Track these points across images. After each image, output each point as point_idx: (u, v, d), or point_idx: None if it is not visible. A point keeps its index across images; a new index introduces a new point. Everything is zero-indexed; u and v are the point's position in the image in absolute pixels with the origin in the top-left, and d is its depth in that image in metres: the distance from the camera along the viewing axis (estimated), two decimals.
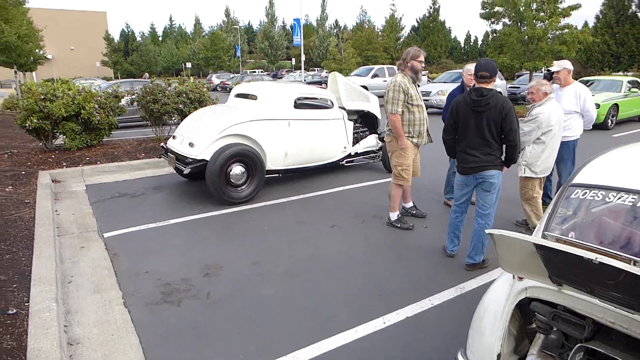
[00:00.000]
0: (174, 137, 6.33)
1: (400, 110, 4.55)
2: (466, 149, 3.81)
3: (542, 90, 4.40)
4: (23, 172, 6.93)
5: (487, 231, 1.93)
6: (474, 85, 3.76)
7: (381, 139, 7.67)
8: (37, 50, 20.24)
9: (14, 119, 10.88)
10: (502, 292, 2.24)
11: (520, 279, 2.15)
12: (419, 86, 4.75)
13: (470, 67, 5.11)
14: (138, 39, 70.01)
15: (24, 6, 16.49)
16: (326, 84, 32.39)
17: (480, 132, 3.70)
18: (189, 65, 54.26)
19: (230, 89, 30.80)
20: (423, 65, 4.62)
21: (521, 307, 2.15)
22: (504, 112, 3.60)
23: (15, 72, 26.54)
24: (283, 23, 77.39)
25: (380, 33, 48.73)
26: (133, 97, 9.31)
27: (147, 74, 34.84)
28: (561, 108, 4.55)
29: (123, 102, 9.42)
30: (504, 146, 3.75)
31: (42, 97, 7.77)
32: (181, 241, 4.63)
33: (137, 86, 10.56)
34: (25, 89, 7.98)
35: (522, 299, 2.09)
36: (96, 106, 8.17)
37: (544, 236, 2.14)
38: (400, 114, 4.56)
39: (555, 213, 2.20)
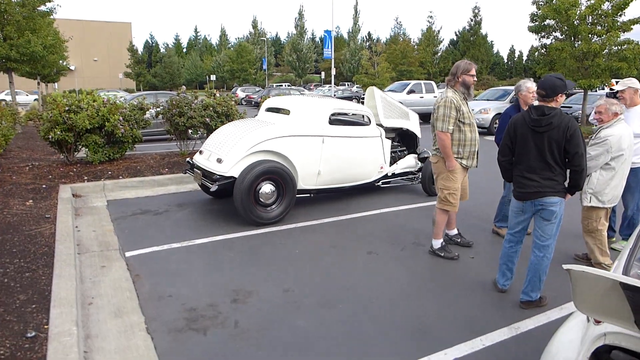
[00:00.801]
0: (200, 152, 6.42)
1: (451, 129, 4.51)
2: (524, 173, 3.71)
3: (612, 110, 4.25)
4: (44, 186, 7.13)
5: (565, 267, 1.82)
6: (533, 103, 3.68)
7: (421, 160, 7.61)
8: (61, 62, 21.14)
9: (36, 131, 11.28)
10: (574, 337, 2.11)
11: (598, 322, 2.02)
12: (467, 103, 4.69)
13: (530, 84, 5.03)
14: (162, 50, 72.45)
15: (51, 17, 17.25)
16: (357, 100, 32.86)
17: (541, 154, 3.60)
18: (213, 77, 55.69)
19: (256, 103, 31.45)
20: (475, 79, 4.58)
21: (598, 356, 2.01)
22: (568, 133, 3.49)
23: (38, 83, 27.80)
24: (312, 35, 78.90)
25: (416, 47, 48.95)
26: (158, 109, 9.53)
27: (184, 87, 35.83)
28: (631, 131, 4.38)
29: (147, 115, 9.60)
30: (568, 171, 3.63)
31: (67, 108, 8.03)
32: (206, 263, 4.64)
33: (163, 99, 10.80)
34: (50, 100, 8.27)
35: (600, 346, 1.95)
36: (120, 118, 8.39)
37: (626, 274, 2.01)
38: (450, 133, 4.50)
39: (637, 250, 2.06)
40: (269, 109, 7.09)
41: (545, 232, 3.71)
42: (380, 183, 7.22)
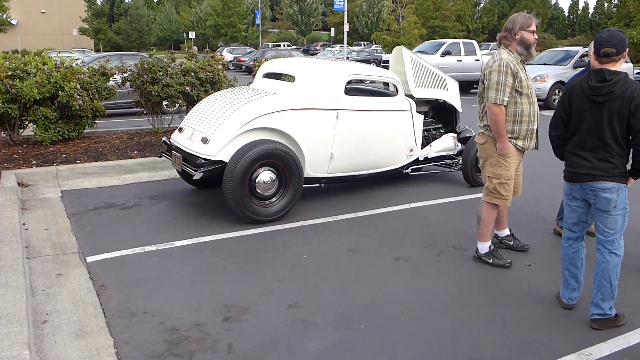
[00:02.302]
0: (180, 129, 6.42)
1: (507, 100, 4.47)
2: (576, 150, 3.82)
3: None
4: None
5: None
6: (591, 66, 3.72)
7: (461, 140, 7.59)
8: None
9: None
10: None
11: None
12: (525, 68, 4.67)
13: None
14: (127, 0, 72.40)
15: None
16: (377, 64, 32.67)
17: (598, 129, 3.67)
18: (192, 35, 55.60)
19: (247, 67, 31.35)
20: (536, 37, 4.55)
21: None
22: (633, 104, 3.53)
23: None
24: None
25: None
26: (125, 75, 9.52)
27: (195, 47, 35.47)
28: None
29: (111, 82, 9.63)
30: (631, 151, 3.69)
31: (10, 73, 8.03)
32: (190, 271, 4.65)
33: (130, 61, 10.81)
34: None
35: None
36: (77, 87, 8.38)
37: None
38: (505, 106, 4.48)
39: None
40: (268, 75, 7.09)
41: (607, 225, 3.77)
42: (409, 170, 7.21)
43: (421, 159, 7.27)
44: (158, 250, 5.08)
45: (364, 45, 54.88)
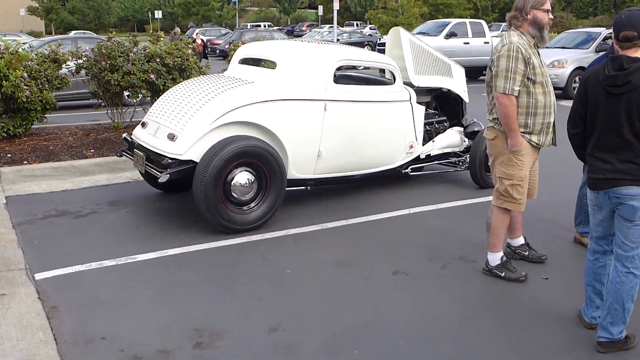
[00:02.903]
0: (143, 124, 6.40)
1: (517, 90, 4.47)
2: (594, 151, 3.81)
3: None
4: None
5: None
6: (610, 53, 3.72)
7: (469, 135, 7.61)
8: None
9: None
10: None
11: None
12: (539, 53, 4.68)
13: None
14: None
15: None
16: (371, 48, 32.64)
17: (615, 124, 3.66)
18: (158, 15, 55.45)
19: (222, 51, 31.25)
20: (551, 17, 4.55)
21: None
22: None
23: None
24: None
25: None
26: (80, 62, 9.45)
27: (178, 29, 35.11)
28: None
29: (64, 69, 9.56)
30: None
31: None
32: (155, 289, 4.62)
33: (86, 46, 10.74)
34: None
35: None
36: (25, 75, 8.32)
37: None
38: (516, 96, 4.48)
39: None
40: (245, 60, 7.06)
41: (628, 237, 3.74)
42: (409, 169, 7.21)
43: (422, 156, 7.26)
44: (118, 265, 5.04)
45: (357, 25, 55.03)
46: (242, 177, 5.77)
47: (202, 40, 31.65)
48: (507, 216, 4.82)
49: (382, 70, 7.31)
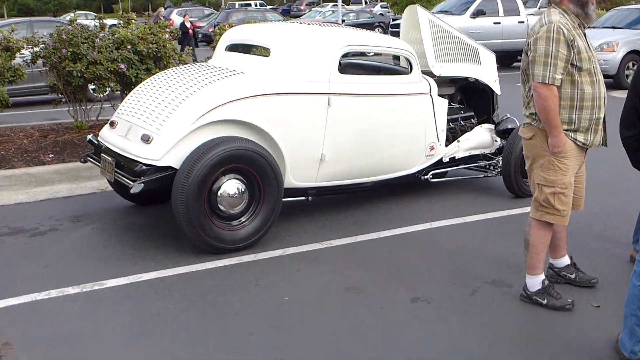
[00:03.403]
0: (112, 123, 6.41)
1: (559, 79, 4.42)
2: None
3: None
4: None
5: None
6: None
7: (501, 134, 7.59)
8: None
9: None
10: None
11: None
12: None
13: None
14: None
15: None
16: (383, 30, 32.63)
17: None
18: None
19: (206, 36, 31.32)
20: None
21: None
22: None
23: None
24: None
25: None
26: (36, 50, 9.40)
27: (162, 9, 34.97)
28: None
29: (18, 59, 9.52)
30: None
31: None
32: (127, 322, 4.62)
33: (44, 30, 10.70)
34: None
35: None
36: None
37: None
38: (558, 86, 4.44)
39: None
40: (233, 47, 7.10)
41: None
42: (429, 175, 7.21)
43: (446, 159, 7.26)
44: (83, 293, 5.01)
45: (366, 4, 55.18)
46: (230, 186, 5.75)
47: (191, 23, 31.62)
48: (549, 231, 4.78)
49: (397, 57, 7.30)
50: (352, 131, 6.39)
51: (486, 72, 7.63)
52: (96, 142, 6.47)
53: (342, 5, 34.18)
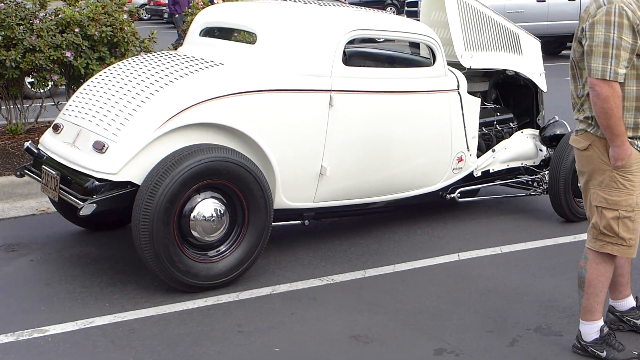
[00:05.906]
0: (56, 127, 6.42)
1: (623, 74, 4.42)
2: None
3: None
4: None
5: None
6: None
7: (548, 141, 7.61)
8: None
9: None
10: None
11: None
12: None
13: None
14: None
15: None
16: (395, 9, 32.29)
17: None
18: None
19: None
20: None
21: None
22: None
23: None
24: None
25: None
26: None
27: None
28: None
29: None
30: None
31: None
32: None
33: None
34: None
35: None
36: None
37: None
38: (621, 82, 4.44)
39: None
40: (210, 31, 7.16)
41: None
42: (456, 194, 7.24)
43: (477, 174, 7.30)
44: (20, 342, 4.98)
45: None
46: (206, 207, 5.74)
47: None
48: (610, 266, 4.74)
49: (415, 45, 7.29)
50: (359, 138, 6.38)
51: (529, 63, 7.64)
52: (36, 150, 6.45)
53: None
